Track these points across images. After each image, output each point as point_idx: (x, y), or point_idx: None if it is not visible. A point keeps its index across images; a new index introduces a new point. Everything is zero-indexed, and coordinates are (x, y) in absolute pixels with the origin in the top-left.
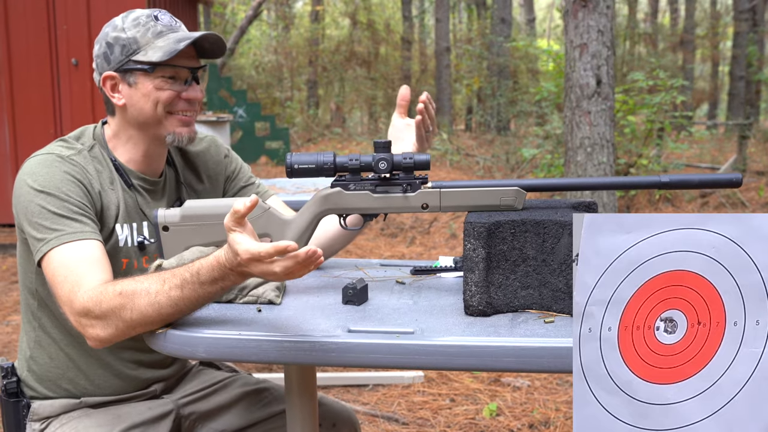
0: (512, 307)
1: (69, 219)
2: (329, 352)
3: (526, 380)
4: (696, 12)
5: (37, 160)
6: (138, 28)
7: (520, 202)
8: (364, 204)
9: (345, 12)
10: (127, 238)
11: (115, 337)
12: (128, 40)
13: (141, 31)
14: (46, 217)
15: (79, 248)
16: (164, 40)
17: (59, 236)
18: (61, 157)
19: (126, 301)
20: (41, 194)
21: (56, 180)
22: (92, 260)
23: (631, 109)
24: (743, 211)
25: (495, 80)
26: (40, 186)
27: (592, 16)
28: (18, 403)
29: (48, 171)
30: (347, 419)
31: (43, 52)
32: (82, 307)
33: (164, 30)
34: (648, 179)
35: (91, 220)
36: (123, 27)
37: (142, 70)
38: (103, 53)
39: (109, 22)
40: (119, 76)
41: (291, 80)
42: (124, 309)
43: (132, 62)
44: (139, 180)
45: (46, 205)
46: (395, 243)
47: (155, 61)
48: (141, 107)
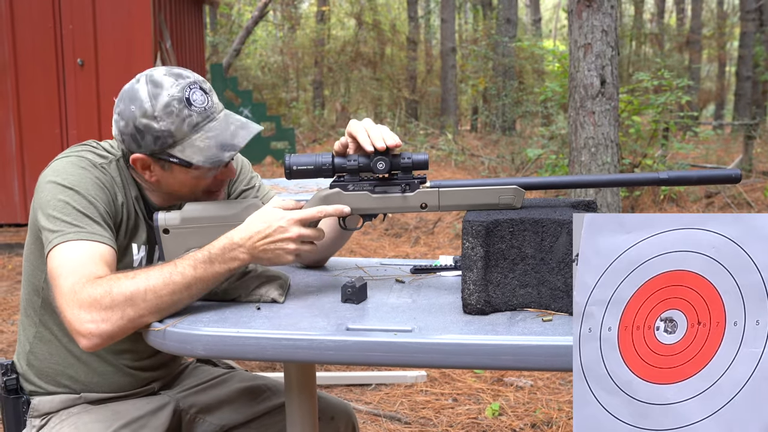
0: (510, 305)
1: (92, 220)
2: (327, 350)
3: (528, 380)
4: (702, 12)
5: (68, 160)
6: (172, 119)
7: (519, 201)
8: (363, 204)
9: (351, 12)
10: (143, 260)
11: (118, 330)
12: (162, 133)
13: (176, 122)
14: (68, 213)
15: (97, 249)
16: (203, 138)
17: (78, 232)
18: (93, 163)
19: (140, 283)
20: (68, 191)
21: (86, 182)
22: (106, 263)
23: (636, 110)
24: (749, 212)
25: (500, 80)
26: (69, 183)
27: (596, 16)
28: (18, 400)
29: (79, 172)
30: (344, 412)
31: (49, 52)
32: (89, 297)
33: (201, 121)
34: (647, 176)
35: (111, 230)
36: (155, 115)
37: (178, 164)
38: (131, 135)
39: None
40: (152, 160)
41: (297, 81)
42: (138, 294)
43: (167, 154)
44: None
45: (71, 202)
46: (399, 243)
47: (196, 164)
48: (176, 189)
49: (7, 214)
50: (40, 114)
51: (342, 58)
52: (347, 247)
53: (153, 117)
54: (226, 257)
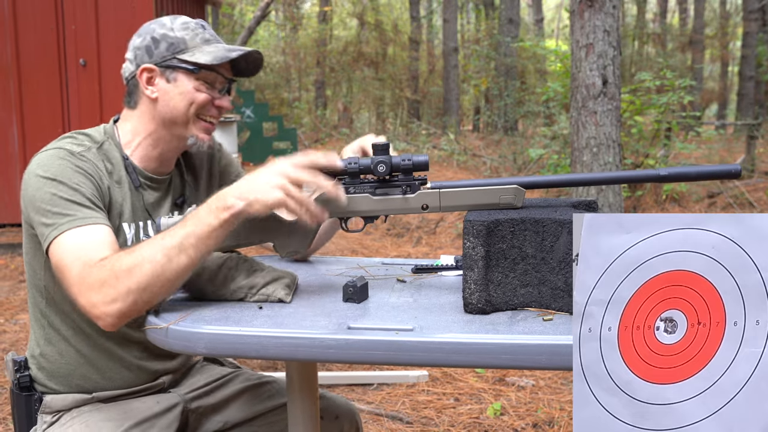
0: (511, 305)
1: (80, 205)
2: (328, 349)
3: (530, 380)
4: (705, 12)
5: (47, 154)
6: (187, 32)
7: (520, 200)
8: (365, 207)
9: (353, 12)
10: (133, 238)
11: (131, 305)
12: (177, 40)
13: (190, 34)
14: (57, 203)
15: (92, 232)
16: (213, 47)
17: (71, 220)
18: (71, 152)
19: (137, 256)
20: (53, 182)
21: (68, 171)
22: (106, 242)
23: (638, 110)
24: (751, 212)
25: (503, 80)
26: (51, 175)
27: (598, 16)
28: (30, 397)
29: (59, 163)
30: (348, 412)
31: (52, 52)
32: (96, 280)
33: (212, 39)
34: (646, 173)
35: (101, 210)
36: (172, 27)
37: (185, 69)
38: (146, 46)
39: (154, 20)
40: (158, 70)
41: (299, 81)
42: (136, 266)
43: (177, 60)
44: (147, 179)
45: (58, 192)
46: (402, 243)
47: (203, 63)
48: (175, 104)
49: (10, 214)
50: (43, 114)
51: (344, 58)
52: (349, 247)
53: (170, 29)
54: (213, 207)
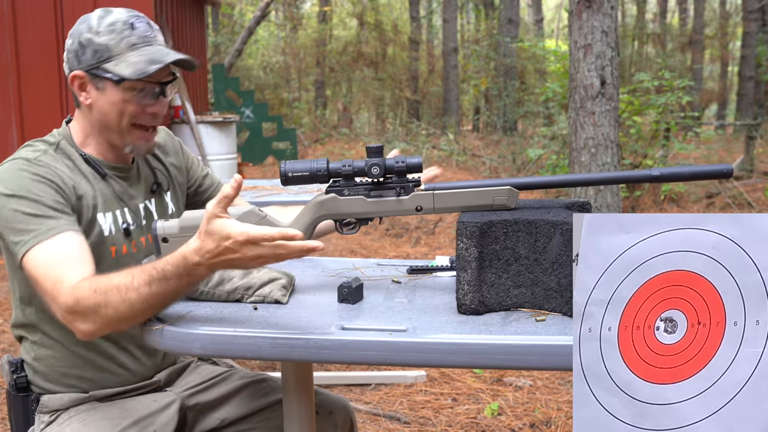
0: (504, 305)
1: (43, 217)
2: (323, 349)
3: (527, 380)
4: (705, 12)
5: (4, 167)
6: (112, 36)
7: (513, 201)
8: (359, 209)
9: (352, 13)
10: (111, 227)
11: (99, 332)
12: (100, 47)
13: (115, 39)
14: (21, 220)
15: (56, 244)
16: (137, 54)
17: (35, 236)
18: (27, 160)
19: (101, 298)
20: (12, 198)
21: (26, 183)
22: (70, 255)
23: (637, 110)
24: (750, 212)
25: (502, 81)
26: (11, 191)
27: (596, 17)
28: (27, 398)
29: (16, 175)
30: (342, 407)
31: (51, 53)
32: (64, 303)
33: (138, 42)
34: (640, 173)
35: (66, 214)
36: (97, 30)
37: (110, 79)
38: (75, 51)
39: (86, 18)
40: (88, 77)
41: (298, 81)
42: (100, 306)
43: (101, 69)
44: (112, 169)
45: (19, 208)
46: (400, 243)
47: (124, 77)
48: (106, 113)
49: None
50: (42, 115)
51: (344, 58)
52: (348, 247)
53: (96, 32)
54: (181, 273)
